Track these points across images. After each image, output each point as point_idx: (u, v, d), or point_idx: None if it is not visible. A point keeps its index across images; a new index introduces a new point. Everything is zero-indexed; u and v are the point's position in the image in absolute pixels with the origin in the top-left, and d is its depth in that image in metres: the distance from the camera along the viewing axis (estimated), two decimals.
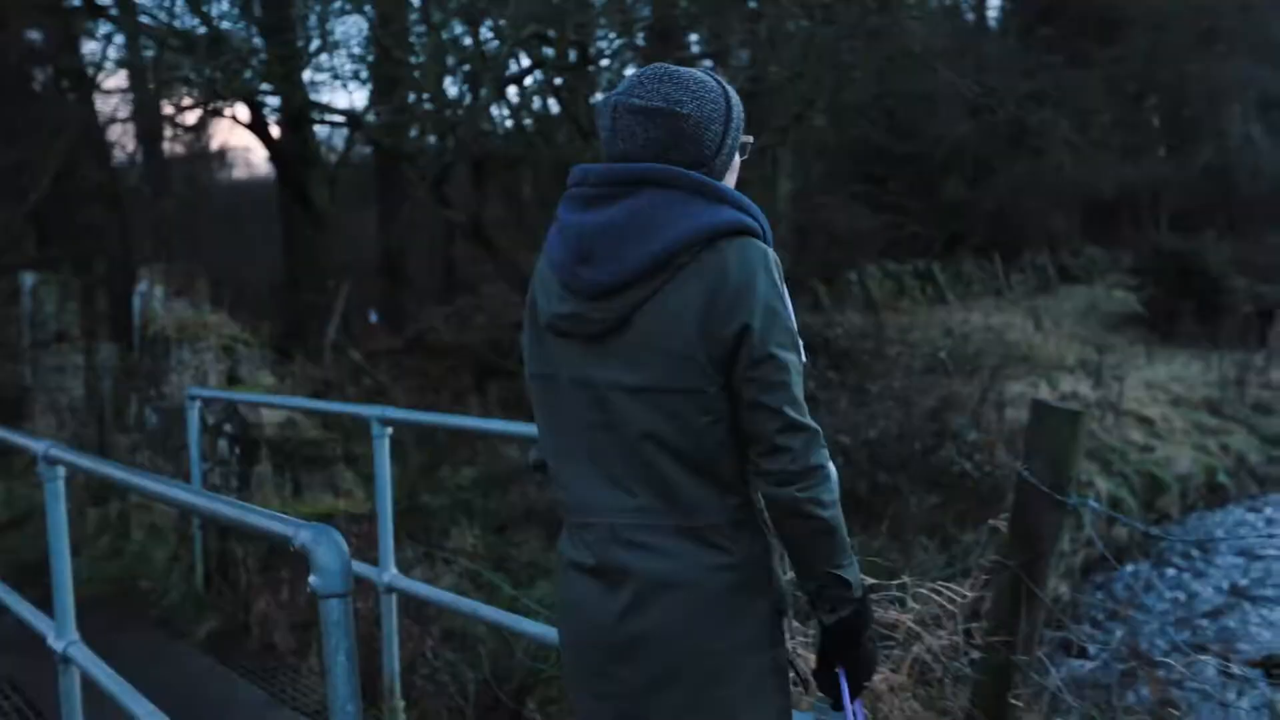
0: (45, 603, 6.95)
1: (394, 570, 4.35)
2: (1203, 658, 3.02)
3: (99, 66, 15.40)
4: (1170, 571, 9.97)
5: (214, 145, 26.34)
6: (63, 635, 3.65)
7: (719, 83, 1.88)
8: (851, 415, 9.86)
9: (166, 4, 12.51)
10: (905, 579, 3.00)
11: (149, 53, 13.05)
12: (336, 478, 6.27)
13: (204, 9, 11.69)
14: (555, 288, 1.85)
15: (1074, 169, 20.39)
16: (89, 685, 3.38)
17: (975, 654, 2.76)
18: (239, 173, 29.84)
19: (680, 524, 1.78)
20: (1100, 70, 18.82)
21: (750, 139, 1.96)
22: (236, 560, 5.96)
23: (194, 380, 6.85)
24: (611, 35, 11.91)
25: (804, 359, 1.81)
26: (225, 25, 11.29)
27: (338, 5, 10.40)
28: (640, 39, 13.42)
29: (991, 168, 24.51)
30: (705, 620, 1.78)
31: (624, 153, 1.82)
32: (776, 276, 1.76)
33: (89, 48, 15.70)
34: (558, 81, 10.56)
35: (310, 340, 13.29)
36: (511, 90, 11.65)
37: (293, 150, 15.58)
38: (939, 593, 2.85)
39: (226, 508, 2.36)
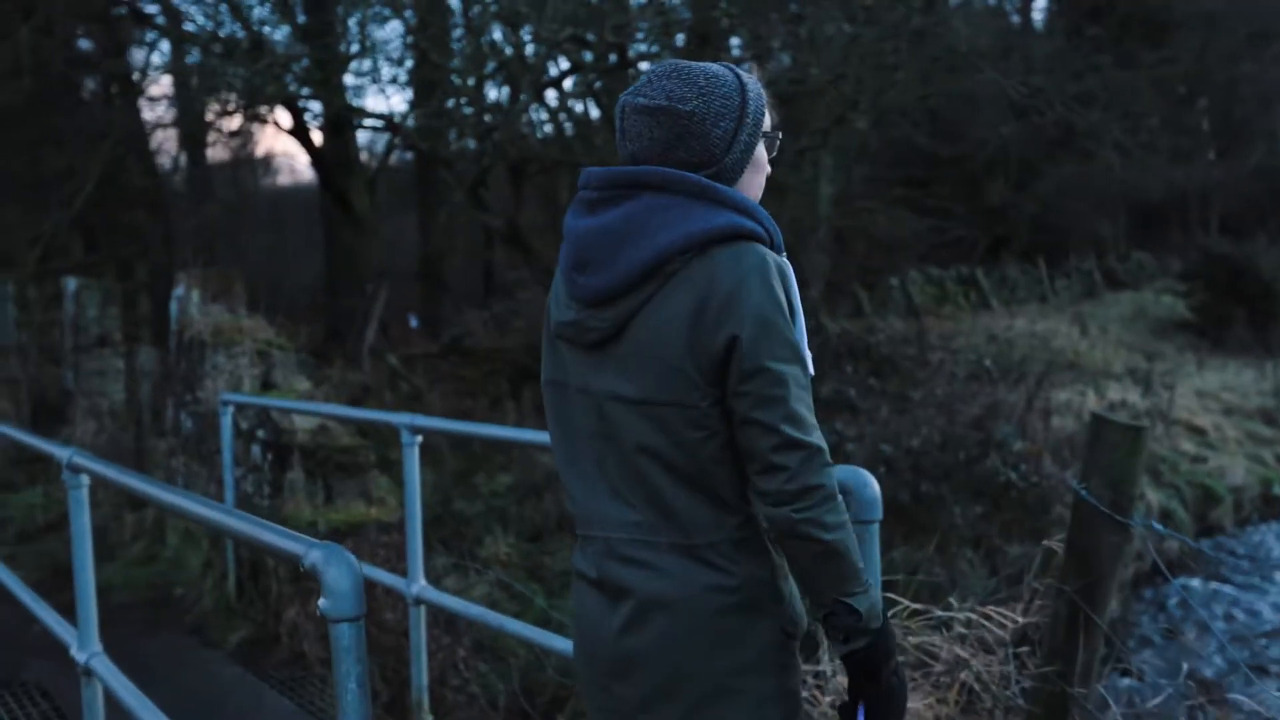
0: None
1: (423, 582, 4.25)
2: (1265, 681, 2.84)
3: (144, 73, 15.54)
4: (1226, 588, 9.67)
5: (259, 152, 26.62)
6: (85, 646, 3.59)
7: (736, 76, 1.79)
8: (893, 423, 9.65)
9: (210, 10, 12.62)
10: (952, 600, 2.84)
11: (193, 59, 13.16)
12: (369, 485, 6.20)
13: (245, 14, 11.74)
14: (563, 294, 1.83)
15: (1123, 172, 20.00)
16: (113, 696, 3.31)
17: (1027, 683, 2.61)
18: (284, 179, 30.15)
19: (678, 541, 1.73)
20: (1149, 72, 18.43)
21: (778, 134, 1.87)
22: (268, 569, 5.91)
23: (229, 385, 6.83)
24: (650, 38, 11.83)
25: (811, 371, 1.72)
26: (267, 30, 11.34)
27: (375, 10, 10.38)
28: (680, 41, 13.31)
29: (1036, 171, 24.13)
30: (701, 641, 1.73)
31: (632, 154, 1.77)
32: (777, 284, 1.68)
33: (134, 55, 15.87)
34: (597, 84, 10.47)
35: (349, 345, 13.31)
36: (550, 94, 11.60)
37: (333, 155, 15.66)
38: (988, 617, 2.69)
39: (240, 523, 2.28)
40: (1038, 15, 28.85)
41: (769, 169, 1.87)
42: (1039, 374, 12.43)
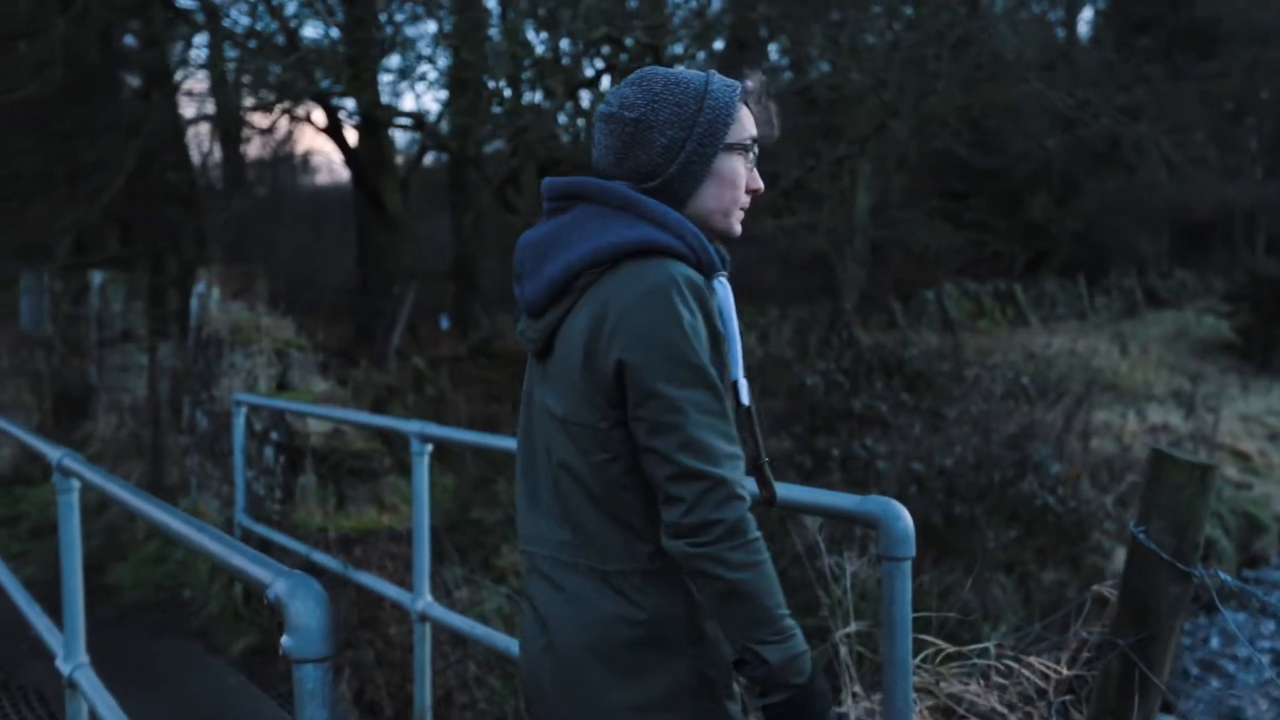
0: (89, 606, 6.79)
1: (428, 598, 4.07)
2: None
3: (181, 68, 15.53)
4: (1271, 625, 9.29)
5: (299, 150, 26.73)
6: (71, 657, 3.42)
7: (704, 84, 1.71)
8: (926, 441, 9.36)
9: (249, 7, 12.58)
10: (989, 647, 2.60)
11: (231, 54, 13.11)
12: (383, 490, 6.03)
13: (279, 10, 11.68)
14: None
15: (1168, 188, 19.55)
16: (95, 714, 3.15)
17: None
18: (322, 178, 30.25)
19: (594, 566, 1.67)
20: (1198, 85, 17.98)
21: (748, 143, 1.74)
22: None
23: (244, 384, 6.68)
24: (688, 42, 11.63)
25: (744, 399, 1.63)
26: (304, 29, 11.28)
27: (409, 7, 10.27)
28: (719, 45, 13.12)
29: (1079, 185, 23.68)
30: (606, 673, 1.65)
31: (595, 162, 1.75)
32: (682, 303, 1.57)
33: (170, 49, 15.87)
34: None
35: (377, 345, 13.20)
36: (583, 95, 11.43)
37: (367, 155, 15.59)
38: (1030, 666, 2.45)
39: (211, 542, 2.10)
40: (1083, 29, 28.41)
41: (754, 184, 1.76)
42: (1078, 394, 12.09)
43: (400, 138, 18.89)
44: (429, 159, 20.54)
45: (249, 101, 13.42)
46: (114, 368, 10.02)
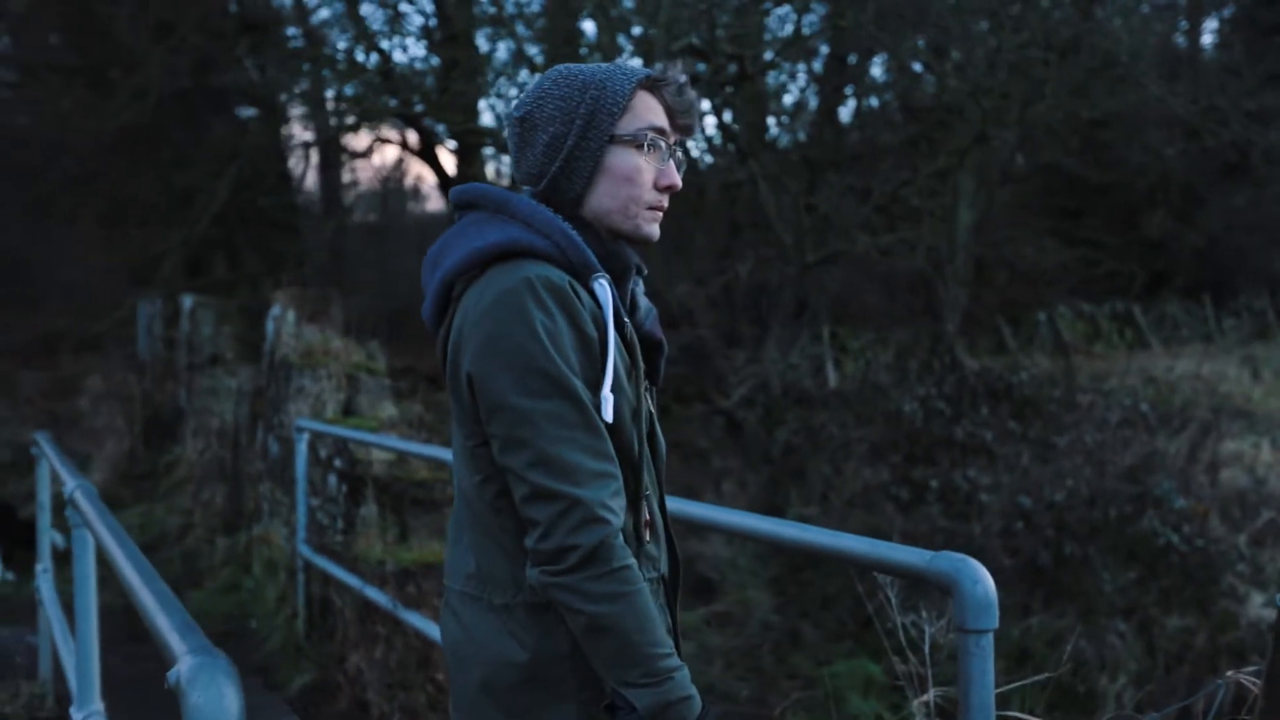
0: (146, 637, 6.69)
1: None
2: None
3: (281, 93, 15.80)
4: None
5: (410, 178, 27.18)
6: (84, 705, 3.20)
7: (594, 73, 1.59)
8: (1034, 473, 8.72)
9: (350, 35, 12.71)
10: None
11: (328, 75, 13.27)
12: (446, 522, 5.76)
13: (371, 35, 11.74)
14: None
15: None
16: None
17: None
18: (434, 205, 30.66)
19: (492, 600, 1.55)
20: None
21: (646, 134, 1.59)
22: (335, 608, 5.53)
23: (312, 409, 6.53)
24: (781, 53, 11.29)
25: (605, 415, 1.47)
26: (390, 49, 11.29)
27: (491, 30, 10.18)
28: (818, 65, 12.74)
29: (1202, 199, 22.42)
30: (498, 712, 1.53)
31: (510, 170, 1.75)
32: (538, 306, 1.45)
33: (277, 80, 16.18)
34: (715, 99, 9.95)
35: None
36: None
37: (462, 179, 15.62)
38: None
39: (150, 597, 1.82)
40: (1207, 39, 27.03)
41: (665, 180, 1.61)
42: (1205, 421, 11.20)
43: (506, 162, 18.93)
44: None
45: (338, 123, 13.54)
46: (202, 391, 10.07)
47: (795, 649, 6.88)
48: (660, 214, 1.64)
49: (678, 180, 1.62)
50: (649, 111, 1.61)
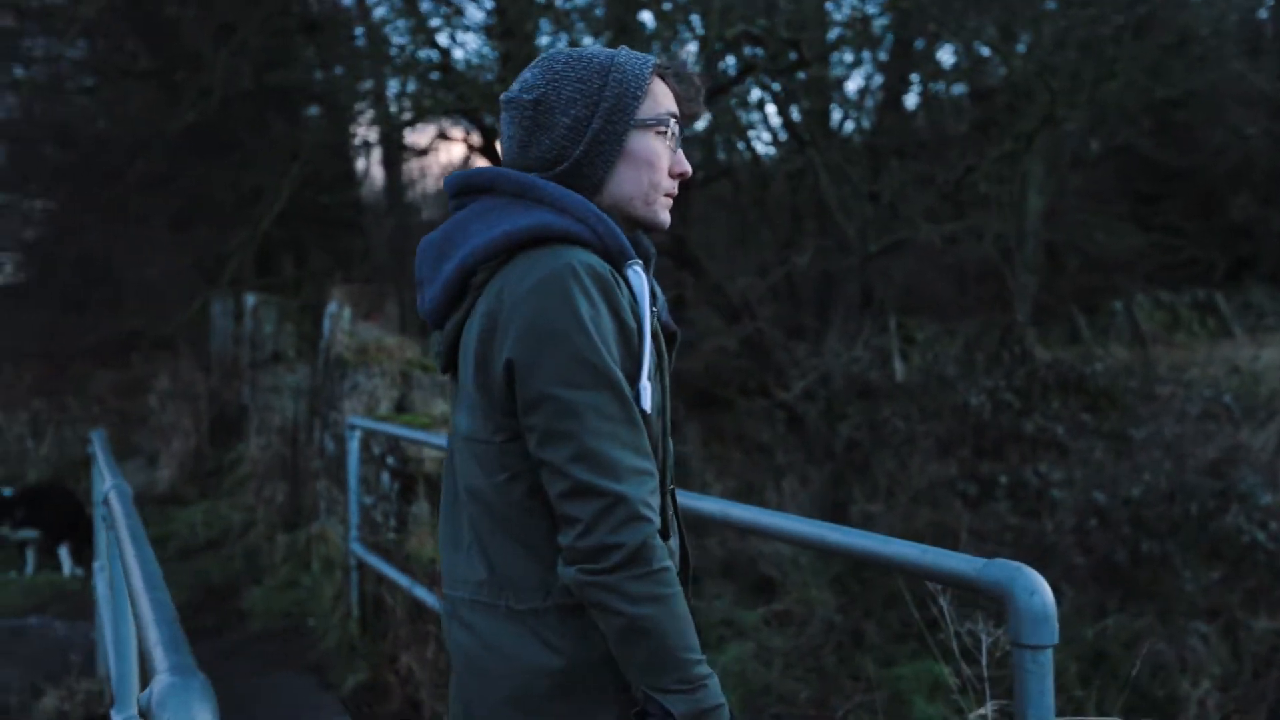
0: (219, 631, 6.68)
1: None
2: None
3: (346, 93, 15.95)
4: None
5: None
6: (123, 708, 3.17)
7: (609, 57, 1.56)
8: (1110, 467, 8.37)
9: (413, 35, 12.75)
10: None
11: (387, 72, 13.33)
12: None
13: (430, 30, 11.76)
14: None
15: None
16: None
17: None
18: None
19: (512, 606, 1.47)
20: None
21: (666, 119, 1.57)
22: (388, 607, 5.50)
23: (366, 406, 6.52)
24: (846, 42, 11.04)
25: (645, 404, 1.43)
26: (448, 44, 11.27)
27: (547, 24, 10.10)
28: (884, 53, 12.45)
29: None
30: None
31: (502, 156, 1.62)
32: (582, 294, 1.39)
33: (342, 81, 16.33)
34: (774, 86, 9.73)
35: None
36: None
37: None
38: None
39: (146, 606, 1.75)
40: None
41: (679, 167, 1.60)
42: None
43: None
44: None
45: (398, 119, 13.61)
46: (265, 389, 10.17)
47: (858, 650, 6.69)
48: (672, 201, 1.62)
49: (689, 167, 1.61)
50: (665, 97, 1.60)
